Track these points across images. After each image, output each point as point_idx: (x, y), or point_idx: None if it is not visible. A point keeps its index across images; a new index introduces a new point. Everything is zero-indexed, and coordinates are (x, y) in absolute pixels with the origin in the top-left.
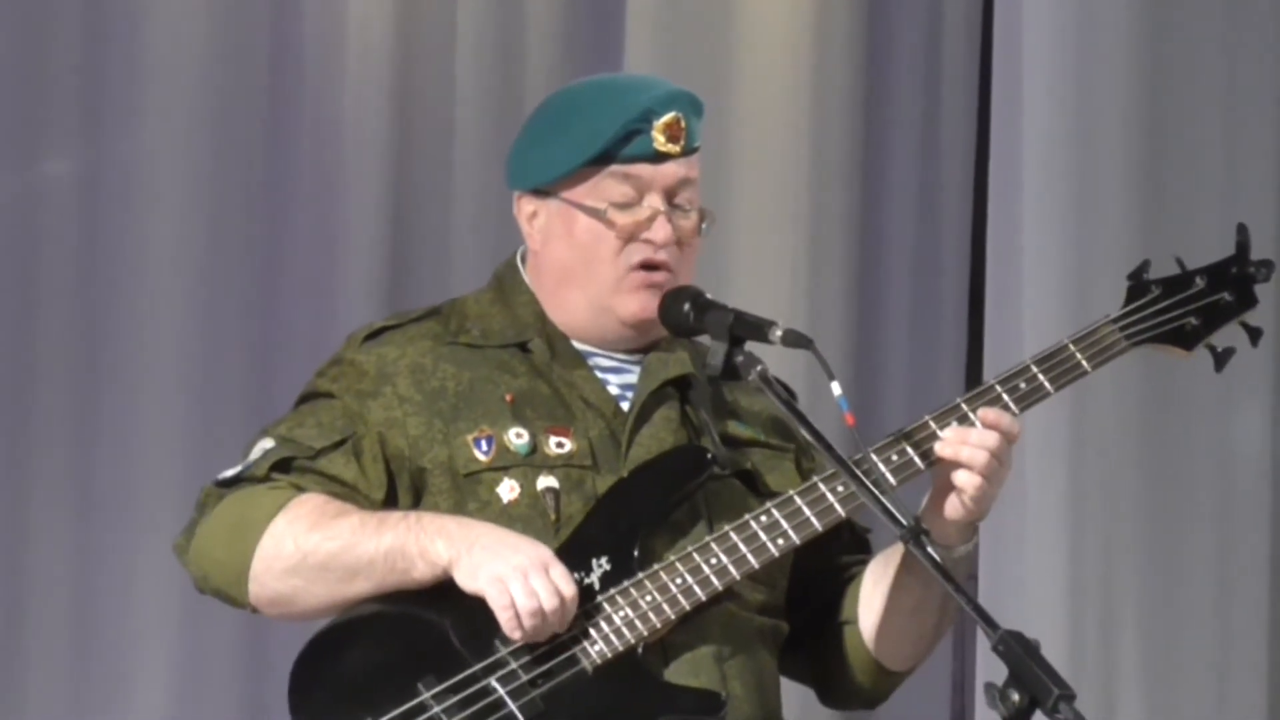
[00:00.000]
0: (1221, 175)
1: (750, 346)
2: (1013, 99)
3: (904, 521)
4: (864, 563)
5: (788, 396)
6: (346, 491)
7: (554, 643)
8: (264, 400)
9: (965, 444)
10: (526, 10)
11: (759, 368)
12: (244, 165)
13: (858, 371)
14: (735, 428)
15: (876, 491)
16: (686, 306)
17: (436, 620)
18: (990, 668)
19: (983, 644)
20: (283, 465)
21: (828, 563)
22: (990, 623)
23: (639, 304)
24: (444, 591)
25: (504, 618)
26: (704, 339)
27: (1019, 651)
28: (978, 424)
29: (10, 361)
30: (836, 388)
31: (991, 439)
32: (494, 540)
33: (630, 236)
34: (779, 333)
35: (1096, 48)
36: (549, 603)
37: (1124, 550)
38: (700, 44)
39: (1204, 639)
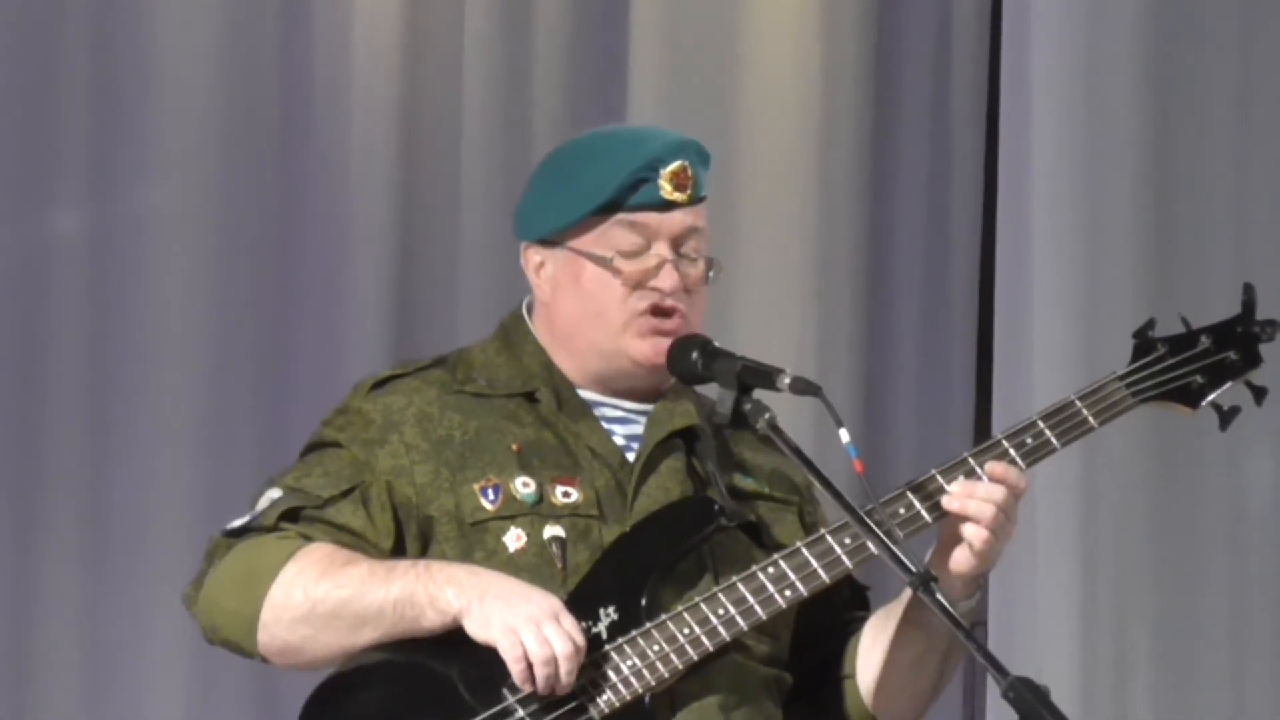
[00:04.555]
0: (1231, 227)
1: (759, 395)
2: (1021, 147)
3: (913, 568)
4: (863, 619)
5: (796, 445)
6: (355, 540)
7: (562, 692)
8: (273, 448)
9: (973, 497)
10: (532, 54)
11: (767, 415)
12: (251, 219)
13: (866, 420)
14: (740, 480)
15: (885, 538)
16: (695, 355)
17: (444, 669)
18: (1000, 714)
19: (992, 690)
20: (291, 515)
21: (827, 617)
22: (1000, 669)
23: (651, 348)
24: (452, 640)
25: (517, 669)
26: (710, 389)
27: (1029, 698)
28: (984, 478)
29: (19, 416)
30: (845, 434)
31: (998, 493)
32: (505, 590)
33: (637, 284)
34: (787, 380)
35: (1105, 86)
36: (562, 652)
37: (1135, 595)
38: (705, 88)
39: (1217, 687)
